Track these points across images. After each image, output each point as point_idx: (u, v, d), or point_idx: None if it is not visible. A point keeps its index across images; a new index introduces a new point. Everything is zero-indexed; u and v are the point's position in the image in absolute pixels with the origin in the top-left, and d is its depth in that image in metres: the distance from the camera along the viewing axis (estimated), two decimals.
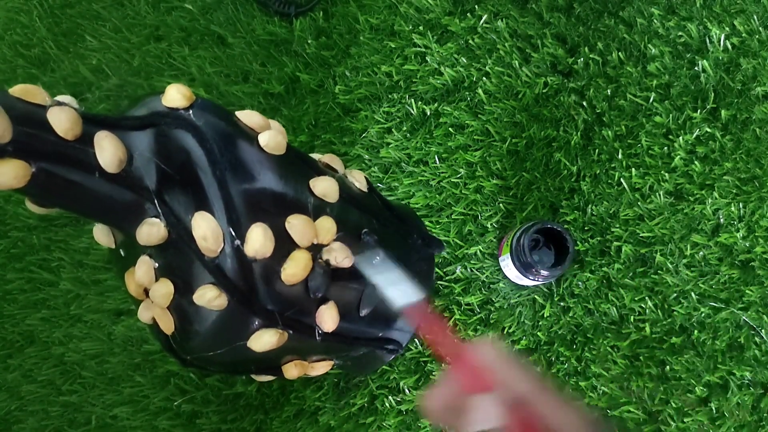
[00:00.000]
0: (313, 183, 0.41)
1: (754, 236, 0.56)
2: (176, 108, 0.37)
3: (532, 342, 0.57)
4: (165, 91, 0.38)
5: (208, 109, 0.38)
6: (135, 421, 0.61)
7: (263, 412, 0.59)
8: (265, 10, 0.68)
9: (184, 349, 0.41)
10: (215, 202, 0.36)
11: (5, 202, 0.69)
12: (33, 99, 0.32)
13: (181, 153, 0.36)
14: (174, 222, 0.36)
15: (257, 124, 0.40)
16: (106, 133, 0.34)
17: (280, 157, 0.40)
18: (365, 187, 0.48)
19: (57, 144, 0.32)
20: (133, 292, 0.40)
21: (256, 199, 0.37)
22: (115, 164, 0.34)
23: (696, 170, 0.57)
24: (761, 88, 0.57)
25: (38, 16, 0.74)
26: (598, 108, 0.59)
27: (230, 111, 0.40)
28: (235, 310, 0.37)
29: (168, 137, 0.37)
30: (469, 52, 0.62)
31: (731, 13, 0.59)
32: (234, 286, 0.36)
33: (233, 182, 0.36)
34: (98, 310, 0.65)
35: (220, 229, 0.35)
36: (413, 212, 0.59)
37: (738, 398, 0.54)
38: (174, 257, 0.38)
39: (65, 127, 0.32)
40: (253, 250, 0.36)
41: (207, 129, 0.37)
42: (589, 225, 0.58)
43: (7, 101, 0.31)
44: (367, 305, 0.45)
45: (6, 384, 0.66)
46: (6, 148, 0.30)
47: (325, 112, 0.64)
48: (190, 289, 0.37)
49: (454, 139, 0.61)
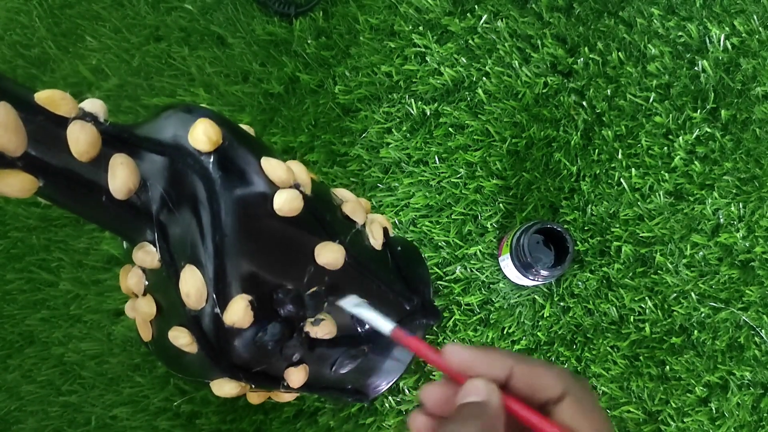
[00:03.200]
0: (319, 250, 0.39)
1: (754, 236, 0.56)
2: (198, 150, 0.36)
3: (532, 342, 0.57)
4: (193, 125, 0.36)
5: (229, 159, 0.36)
6: (135, 422, 0.61)
7: (263, 413, 0.59)
8: (264, 11, 0.68)
9: (157, 357, 0.42)
10: (208, 263, 0.35)
11: (5, 202, 0.69)
12: (57, 109, 0.31)
13: (189, 198, 0.35)
14: (168, 260, 0.35)
15: (279, 179, 0.38)
16: (122, 158, 0.33)
17: (290, 220, 0.38)
18: (380, 244, 0.46)
19: (69, 162, 0.31)
20: (124, 290, 0.40)
21: (251, 267, 0.36)
22: (123, 193, 0.33)
23: (696, 170, 0.57)
24: (761, 88, 0.57)
25: (38, 16, 0.73)
26: (598, 108, 0.59)
27: (256, 155, 0.38)
28: (204, 359, 0.37)
29: (182, 176, 0.35)
30: (469, 52, 0.62)
31: (731, 13, 0.59)
32: (207, 341, 0.36)
33: (232, 247, 0.35)
34: (98, 311, 0.64)
35: (205, 290, 0.35)
36: (425, 266, 0.57)
37: (738, 398, 0.54)
38: (162, 285, 0.37)
39: (81, 149, 0.31)
40: (231, 321, 0.35)
41: (220, 185, 0.35)
42: (589, 225, 0.58)
43: (29, 110, 0.30)
44: (341, 368, 0.45)
45: (6, 384, 0.66)
46: (16, 161, 0.29)
47: (324, 112, 0.64)
48: (168, 318, 0.37)
49: (454, 139, 0.61)
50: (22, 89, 0.31)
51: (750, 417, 0.54)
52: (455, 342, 0.33)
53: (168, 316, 0.38)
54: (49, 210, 0.68)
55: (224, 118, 0.38)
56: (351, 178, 0.62)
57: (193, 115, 0.36)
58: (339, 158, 0.63)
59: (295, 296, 0.38)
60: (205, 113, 0.37)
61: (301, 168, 0.40)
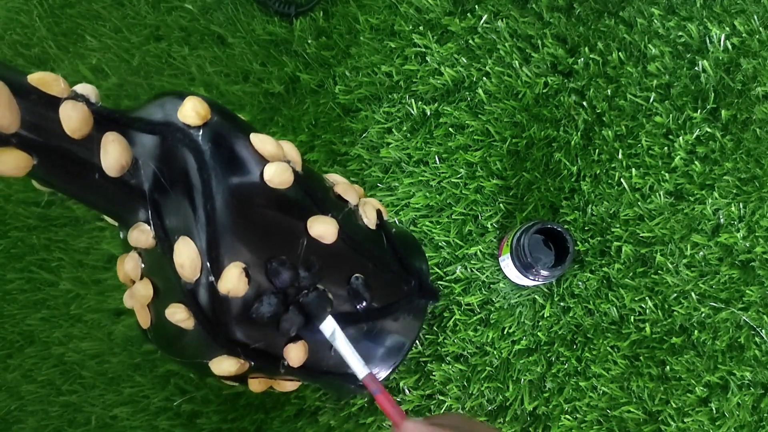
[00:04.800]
0: (311, 222, 0.40)
1: (754, 236, 0.56)
2: (188, 125, 0.36)
3: (532, 342, 0.57)
4: (183, 102, 0.37)
5: (218, 132, 0.37)
6: (135, 421, 0.61)
7: (264, 412, 0.59)
8: (265, 10, 0.68)
9: (156, 344, 0.42)
10: (200, 233, 0.35)
11: (5, 201, 0.69)
12: (49, 89, 0.32)
13: (180, 172, 0.36)
14: (162, 236, 0.36)
15: (269, 153, 0.39)
16: (114, 136, 0.34)
17: (282, 192, 0.39)
18: (374, 224, 0.47)
19: (62, 140, 0.32)
20: (121, 278, 0.41)
21: (243, 236, 0.36)
22: (116, 169, 0.34)
23: (696, 170, 0.57)
24: (761, 88, 0.57)
25: (38, 15, 0.73)
26: (598, 108, 0.59)
27: (245, 132, 0.39)
28: (201, 334, 0.37)
29: (173, 151, 0.36)
30: (469, 52, 0.62)
31: (731, 13, 0.59)
32: (203, 314, 0.36)
33: (223, 215, 0.36)
34: (98, 310, 0.64)
35: (199, 260, 0.35)
36: (421, 252, 0.57)
37: (738, 398, 0.54)
38: (157, 264, 0.37)
39: (74, 126, 0.32)
40: (226, 288, 0.35)
41: (210, 156, 0.36)
42: (589, 225, 0.58)
43: (22, 89, 0.31)
44: None
45: (6, 384, 0.66)
46: (10, 138, 0.30)
47: (325, 112, 0.64)
48: (165, 298, 0.37)
49: (454, 139, 0.61)
50: (15, 71, 0.31)
51: (750, 417, 0.54)
52: (413, 419, 0.36)
53: (165, 297, 0.38)
54: (49, 210, 0.68)
55: (213, 100, 0.39)
56: (351, 178, 0.62)
57: (184, 98, 0.37)
58: (339, 158, 0.63)
59: (289, 267, 0.38)
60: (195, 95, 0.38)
61: (291, 146, 0.41)
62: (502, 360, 0.57)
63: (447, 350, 0.58)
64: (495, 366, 0.57)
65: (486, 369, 0.57)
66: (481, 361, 0.57)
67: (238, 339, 0.38)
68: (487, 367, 0.57)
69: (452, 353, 0.58)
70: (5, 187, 0.70)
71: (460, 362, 0.58)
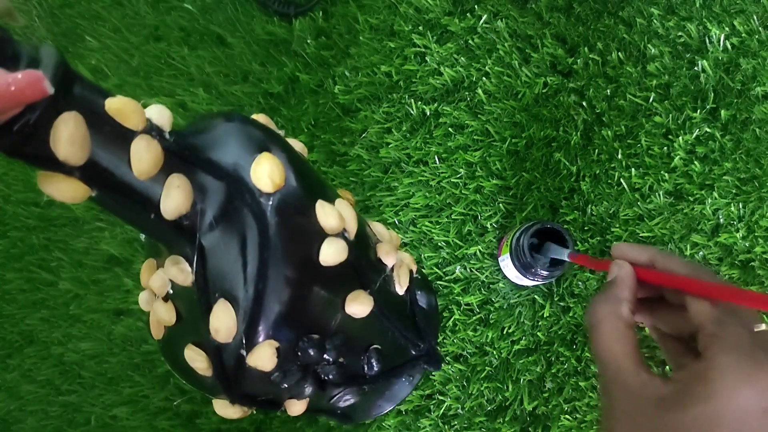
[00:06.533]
0: (350, 300, 0.39)
1: (754, 236, 0.56)
2: (259, 189, 0.34)
3: (531, 342, 0.57)
4: (258, 159, 0.34)
5: (288, 203, 0.35)
6: (134, 421, 0.61)
7: (263, 412, 0.59)
8: (264, 10, 0.68)
9: (162, 354, 0.41)
10: (242, 304, 0.34)
11: (5, 202, 0.69)
12: (126, 121, 0.30)
13: (239, 234, 0.34)
14: (201, 285, 0.34)
15: (330, 228, 0.37)
16: (179, 181, 0.32)
17: (331, 269, 0.37)
18: (404, 289, 0.46)
19: (126, 176, 0.30)
20: (143, 283, 0.39)
21: (284, 319, 0.35)
22: (173, 215, 0.32)
23: (696, 170, 0.57)
24: (761, 88, 0.57)
25: (38, 16, 0.73)
26: (598, 108, 0.59)
27: (313, 199, 0.37)
28: (215, 383, 0.37)
29: (236, 210, 0.34)
30: (468, 52, 0.62)
31: (731, 13, 0.59)
32: (224, 372, 0.36)
33: (271, 299, 0.34)
34: (97, 310, 0.64)
35: (235, 330, 0.34)
36: (437, 316, 0.57)
37: None
38: (188, 302, 0.36)
39: (143, 168, 0.30)
40: (255, 364, 0.35)
41: (274, 232, 0.34)
42: (588, 225, 0.58)
43: (98, 120, 0.28)
44: (339, 402, 0.45)
45: (5, 384, 0.66)
46: (74, 171, 0.28)
47: (324, 112, 0.64)
48: (187, 333, 0.36)
49: (454, 139, 0.61)
50: (96, 94, 0.29)
51: None
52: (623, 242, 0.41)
53: (187, 331, 0.37)
54: (49, 210, 0.68)
55: (287, 147, 0.37)
56: (351, 178, 0.62)
57: (256, 142, 0.35)
58: (339, 158, 0.63)
59: (318, 345, 0.38)
60: (270, 140, 0.36)
61: (350, 212, 0.39)
62: (502, 360, 0.57)
63: (446, 350, 0.58)
64: (494, 366, 0.57)
65: (485, 369, 0.57)
66: (480, 361, 0.57)
67: (249, 393, 0.38)
68: (487, 367, 0.57)
69: (452, 353, 0.58)
70: (5, 188, 0.70)
71: (459, 362, 0.58)
